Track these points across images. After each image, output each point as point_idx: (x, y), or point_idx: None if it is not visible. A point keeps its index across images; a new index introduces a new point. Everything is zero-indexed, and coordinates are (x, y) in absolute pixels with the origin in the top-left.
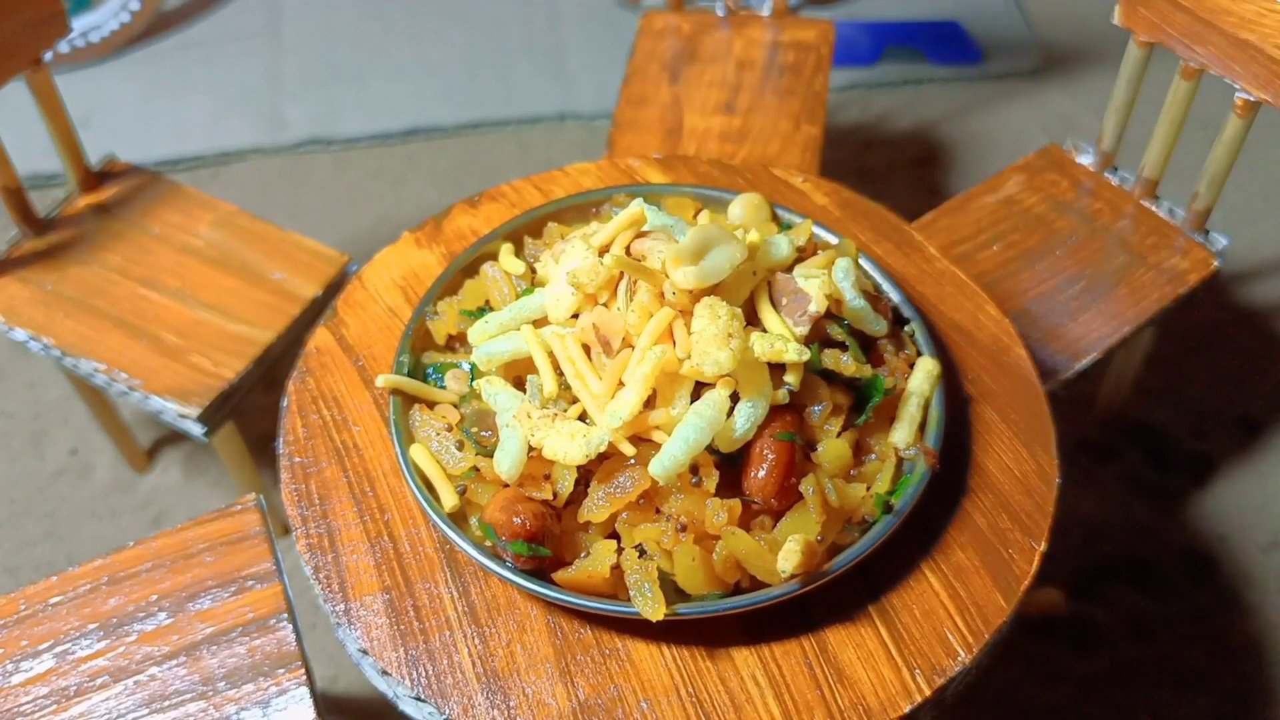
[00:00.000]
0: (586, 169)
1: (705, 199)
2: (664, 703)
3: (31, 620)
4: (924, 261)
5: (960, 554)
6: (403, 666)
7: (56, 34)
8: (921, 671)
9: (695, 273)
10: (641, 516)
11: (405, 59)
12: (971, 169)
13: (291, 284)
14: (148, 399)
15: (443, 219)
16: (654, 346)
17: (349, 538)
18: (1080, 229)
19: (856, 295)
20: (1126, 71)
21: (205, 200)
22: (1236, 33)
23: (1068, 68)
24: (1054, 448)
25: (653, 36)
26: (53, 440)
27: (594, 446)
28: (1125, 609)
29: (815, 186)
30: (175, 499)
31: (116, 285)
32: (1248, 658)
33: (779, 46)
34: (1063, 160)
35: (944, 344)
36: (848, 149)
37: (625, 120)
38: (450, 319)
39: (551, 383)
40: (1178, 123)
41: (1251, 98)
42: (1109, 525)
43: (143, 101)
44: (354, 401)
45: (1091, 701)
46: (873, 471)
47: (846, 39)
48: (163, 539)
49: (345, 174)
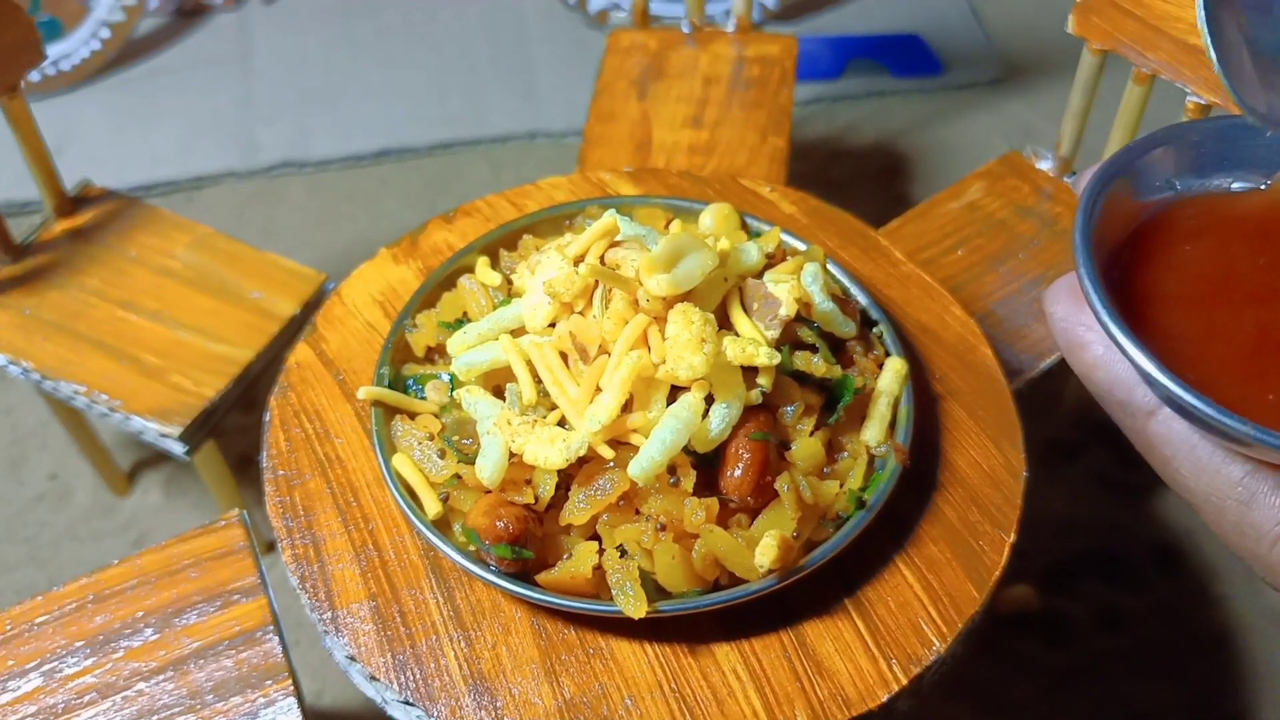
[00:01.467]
0: (559, 183)
1: (676, 209)
2: (648, 698)
3: (18, 640)
4: (890, 266)
5: (932, 547)
6: (390, 671)
7: (32, 61)
8: (898, 661)
9: (668, 280)
10: (622, 517)
11: (376, 81)
12: (935, 177)
13: (269, 303)
14: (129, 419)
15: (419, 235)
16: (630, 352)
17: (334, 547)
18: (1042, 232)
19: (825, 299)
20: (1082, 79)
21: (181, 223)
22: (1186, 38)
23: (1026, 77)
24: (1021, 442)
25: (620, 54)
26: (32, 465)
27: (573, 451)
28: (1096, 603)
29: (783, 195)
30: (157, 520)
31: (95, 308)
32: (1217, 648)
33: (744, 61)
34: (1023, 166)
35: (912, 344)
36: (814, 161)
37: (595, 136)
38: (429, 331)
39: (530, 390)
40: (1132, 127)
41: (1202, 101)
42: (1079, 521)
43: (115, 128)
44: (336, 414)
45: (1065, 694)
46: (845, 469)
47: (810, 53)
48: (147, 556)
49: (319, 196)
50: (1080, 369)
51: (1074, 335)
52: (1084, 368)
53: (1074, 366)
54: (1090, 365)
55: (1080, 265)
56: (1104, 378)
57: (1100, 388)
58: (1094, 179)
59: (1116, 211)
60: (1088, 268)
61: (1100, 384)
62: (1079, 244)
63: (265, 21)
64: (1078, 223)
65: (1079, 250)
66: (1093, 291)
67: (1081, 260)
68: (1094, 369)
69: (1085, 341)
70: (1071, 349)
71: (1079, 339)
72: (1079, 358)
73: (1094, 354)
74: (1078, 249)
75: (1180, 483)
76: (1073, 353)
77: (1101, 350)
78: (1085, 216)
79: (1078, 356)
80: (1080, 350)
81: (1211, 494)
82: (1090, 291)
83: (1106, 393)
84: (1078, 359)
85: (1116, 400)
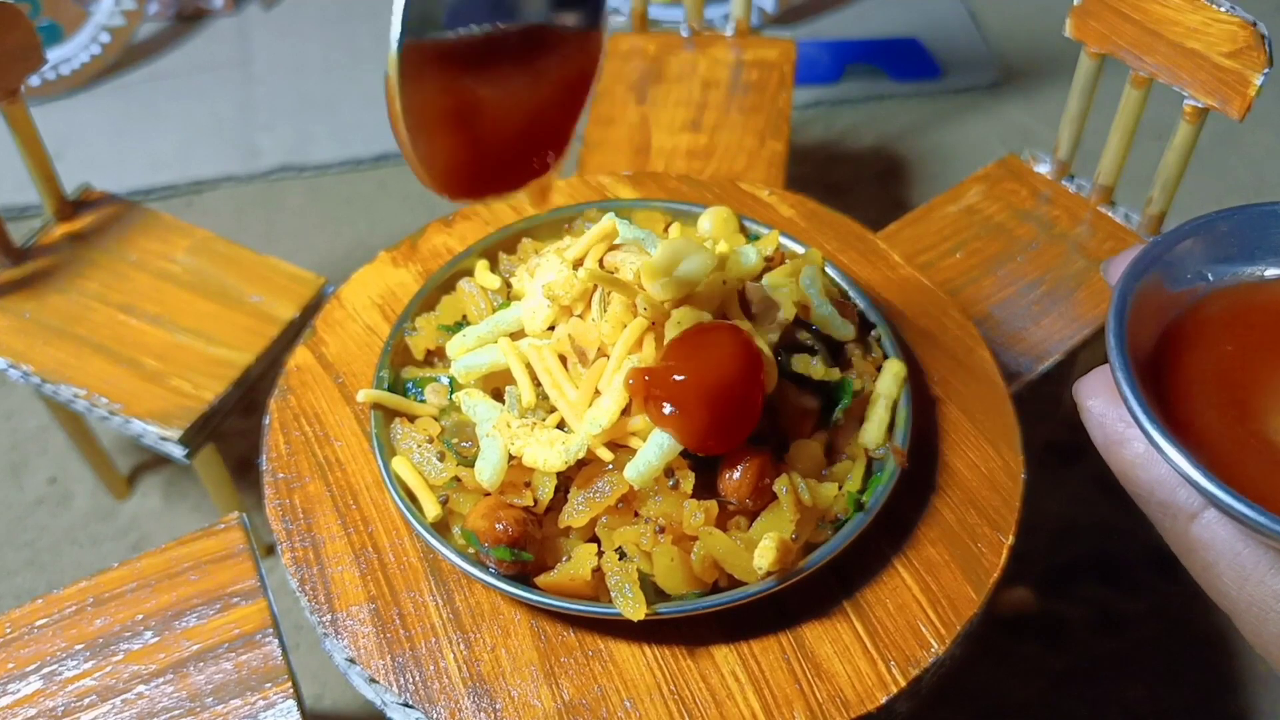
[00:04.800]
0: (558, 187)
1: (675, 213)
2: (647, 701)
3: (18, 643)
4: (889, 269)
5: (931, 549)
6: (390, 674)
7: (33, 66)
8: (896, 663)
9: (669, 284)
10: (621, 520)
11: (375, 86)
12: (933, 181)
13: (269, 307)
14: (129, 423)
15: (418, 238)
16: (629, 355)
17: (333, 550)
18: (1040, 235)
19: (824, 302)
20: (1079, 83)
21: (181, 227)
22: (1183, 42)
23: (1024, 81)
24: (1019, 445)
25: (619, 58)
26: (31, 470)
27: (573, 453)
28: (1095, 605)
29: (781, 199)
30: (156, 524)
31: (95, 312)
32: (1214, 650)
33: (743, 65)
34: (1021, 170)
35: (910, 347)
36: (813, 165)
37: (594, 140)
38: (428, 334)
39: (529, 393)
40: (1130, 130)
41: (1200, 104)
42: (1078, 524)
43: (115, 133)
44: (335, 417)
45: (1064, 696)
46: (844, 471)
47: (809, 58)
48: (147, 559)
49: (318, 200)
50: (1119, 467)
51: (1112, 432)
52: (1124, 465)
53: (1112, 464)
54: (1130, 464)
55: (1115, 364)
56: (1145, 478)
57: (1141, 488)
58: (1126, 273)
59: (1148, 304)
60: (1124, 367)
61: (1141, 484)
62: (1113, 344)
63: (264, 26)
64: (1110, 321)
65: (1114, 350)
66: (1130, 393)
67: (1117, 360)
68: (1134, 468)
69: (1125, 439)
70: (1110, 446)
71: (1118, 436)
72: (1118, 455)
73: (1134, 451)
74: (1112, 349)
75: (1220, 589)
76: (1111, 450)
77: (1142, 449)
78: (1119, 313)
79: (1116, 454)
80: (1119, 448)
81: (1254, 604)
82: (1128, 393)
83: (1147, 493)
84: (1116, 456)
85: (1158, 501)
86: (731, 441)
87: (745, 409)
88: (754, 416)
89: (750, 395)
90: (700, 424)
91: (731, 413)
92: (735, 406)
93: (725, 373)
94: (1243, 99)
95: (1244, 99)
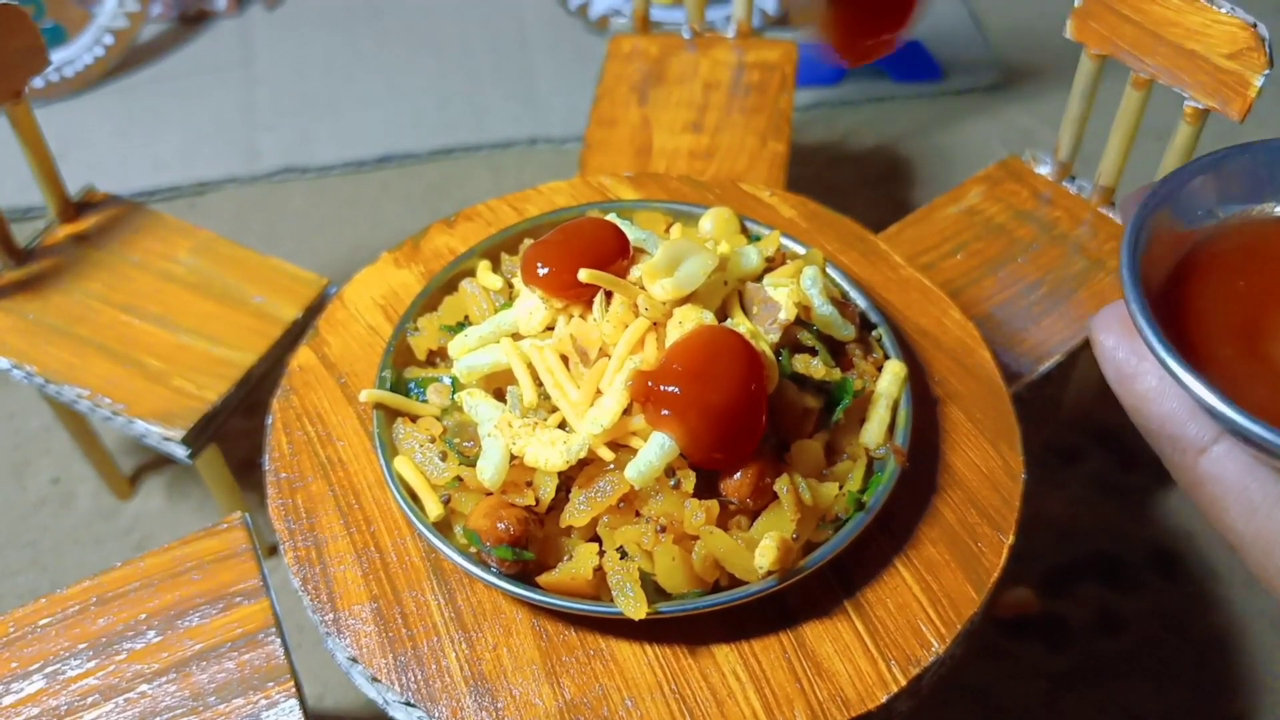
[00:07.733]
0: (560, 188)
1: (676, 214)
2: (648, 699)
3: (21, 642)
4: (889, 270)
5: (931, 548)
6: (392, 673)
7: (37, 68)
8: (897, 662)
9: (671, 284)
10: (622, 519)
11: (377, 87)
12: (934, 182)
13: (272, 307)
14: (132, 423)
15: (420, 239)
16: (631, 355)
17: (336, 550)
18: (1040, 236)
19: (825, 302)
20: (1080, 84)
21: (184, 227)
22: (1183, 43)
23: (1026, 83)
24: (1019, 445)
25: (621, 59)
26: (34, 470)
27: (574, 453)
28: (1096, 606)
29: (782, 200)
30: (159, 524)
31: (98, 313)
32: (1216, 651)
33: (744, 67)
34: (1022, 171)
35: (910, 348)
36: (814, 166)
37: (596, 141)
38: (430, 335)
39: (531, 393)
40: (1131, 132)
41: (1200, 105)
42: (1078, 525)
43: (118, 134)
44: (337, 417)
45: (1065, 697)
46: (844, 471)
47: (810, 59)
48: (150, 559)
49: (321, 201)
50: (1130, 401)
51: (1125, 366)
52: (1135, 399)
53: (1123, 398)
54: (1142, 397)
55: (1130, 297)
56: (1156, 411)
57: (1152, 421)
58: (1138, 210)
59: (1161, 241)
60: (1138, 299)
61: (1152, 418)
62: (1127, 276)
63: (267, 28)
64: (1124, 255)
65: (1127, 282)
66: (1145, 324)
67: (1131, 292)
68: (1146, 401)
69: (1137, 373)
70: (1122, 380)
71: (1130, 370)
72: (1130, 389)
73: (1146, 385)
74: (1125, 281)
75: (1226, 523)
76: (1123, 384)
77: (1155, 382)
78: (1131, 248)
79: (1128, 388)
80: (1131, 382)
81: (1261, 537)
82: (1143, 324)
83: (1158, 427)
84: (1128, 390)
85: (1168, 435)
86: (735, 456)
87: (749, 426)
88: (757, 433)
89: (754, 414)
90: (705, 442)
91: (736, 431)
92: (740, 425)
93: (731, 393)
94: (1243, 100)
95: (1244, 100)
